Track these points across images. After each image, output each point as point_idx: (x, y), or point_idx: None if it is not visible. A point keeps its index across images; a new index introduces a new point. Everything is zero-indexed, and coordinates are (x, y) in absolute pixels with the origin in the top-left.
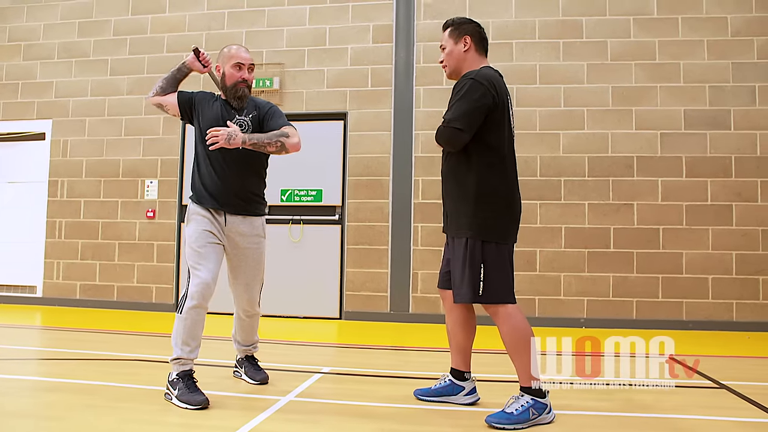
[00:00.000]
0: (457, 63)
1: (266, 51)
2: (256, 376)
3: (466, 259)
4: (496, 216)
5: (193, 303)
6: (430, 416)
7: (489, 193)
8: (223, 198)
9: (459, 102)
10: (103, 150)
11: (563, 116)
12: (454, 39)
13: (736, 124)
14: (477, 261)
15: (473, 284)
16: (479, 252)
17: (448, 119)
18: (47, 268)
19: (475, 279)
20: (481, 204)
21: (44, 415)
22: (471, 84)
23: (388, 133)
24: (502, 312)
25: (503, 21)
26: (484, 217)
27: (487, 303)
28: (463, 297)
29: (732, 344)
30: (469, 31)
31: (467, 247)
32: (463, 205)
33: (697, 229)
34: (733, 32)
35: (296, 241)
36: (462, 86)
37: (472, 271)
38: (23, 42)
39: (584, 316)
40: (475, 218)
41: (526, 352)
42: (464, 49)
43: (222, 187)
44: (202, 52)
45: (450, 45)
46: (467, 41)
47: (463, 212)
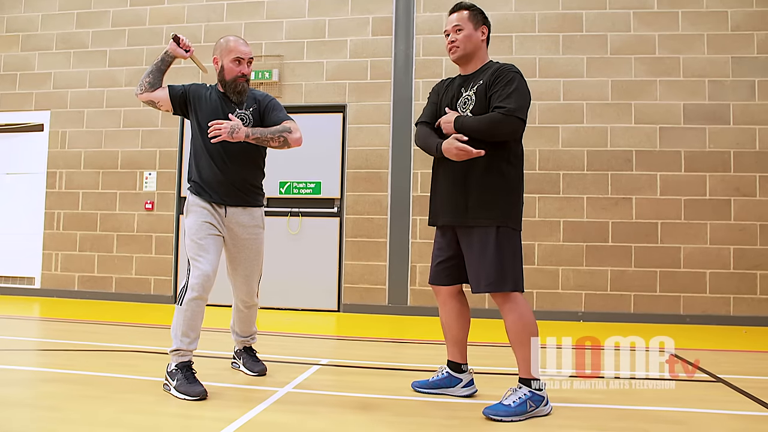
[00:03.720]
0: (473, 49)
1: (265, 43)
2: (254, 367)
3: (499, 247)
4: (515, 205)
5: (193, 294)
6: (428, 408)
7: (518, 183)
8: (224, 190)
9: (517, 93)
10: (102, 141)
11: (562, 110)
12: (473, 24)
13: (736, 119)
14: (511, 249)
15: (506, 272)
16: (512, 239)
17: (512, 109)
18: (45, 260)
19: (507, 266)
20: (514, 193)
21: (42, 405)
22: (520, 78)
23: (387, 126)
24: (514, 300)
25: (503, 14)
26: (514, 205)
27: (510, 291)
28: (504, 287)
29: (729, 338)
30: (486, 22)
31: (496, 235)
32: (496, 194)
33: (695, 224)
34: (733, 27)
35: (295, 234)
36: (510, 78)
37: (508, 259)
38: (21, 32)
39: (582, 309)
40: (509, 207)
41: (528, 343)
42: (482, 38)
43: (222, 179)
44: (181, 38)
45: (470, 29)
46: (485, 31)
47: (495, 201)
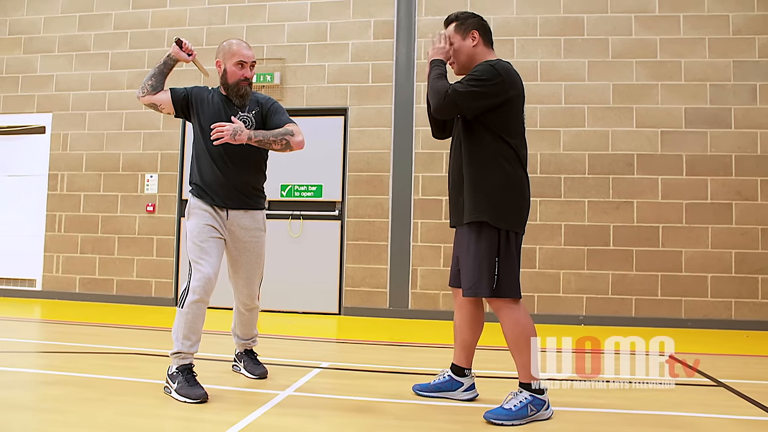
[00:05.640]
0: (467, 59)
1: (267, 46)
2: (255, 370)
3: (479, 249)
4: (510, 205)
5: (194, 297)
6: (429, 412)
7: (506, 183)
8: (225, 193)
9: (471, 79)
10: (103, 144)
11: (564, 113)
12: (461, 35)
13: (737, 123)
14: (492, 252)
15: (489, 277)
16: (495, 241)
17: (455, 89)
18: (47, 262)
19: (491, 271)
20: (498, 193)
21: (43, 407)
22: (487, 69)
23: (388, 129)
24: (508, 307)
25: (504, 17)
26: (499, 205)
27: (498, 297)
28: (481, 291)
29: (731, 343)
30: (475, 26)
31: (481, 234)
32: (480, 193)
33: (696, 228)
34: (735, 30)
35: (296, 237)
36: (475, 70)
37: (488, 264)
38: (24, 35)
39: (583, 313)
40: (491, 205)
41: (527, 349)
42: (473, 45)
43: (224, 182)
44: (184, 42)
45: (457, 41)
46: (475, 36)
47: (480, 199)
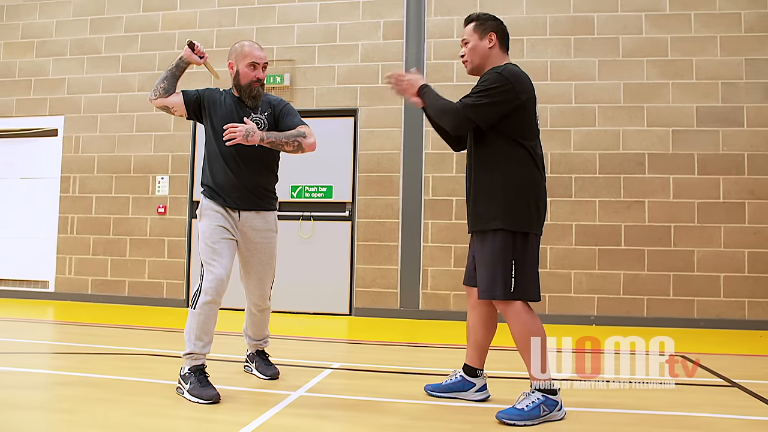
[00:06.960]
0: (481, 59)
1: (277, 47)
2: (267, 371)
3: (495, 252)
4: (524, 208)
5: (207, 298)
6: (441, 412)
7: (520, 186)
8: (237, 194)
9: (482, 91)
10: (115, 146)
11: (574, 113)
12: (479, 35)
13: (749, 121)
14: (508, 255)
15: (505, 280)
16: (510, 244)
17: (466, 104)
18: (59, 264)
19: (507, 274)
20: (511, 197)
21: (57, 408)
22: (495, 77)
23: (398, 130)
24: (513, 308)
25: (514, 17)
26: (513, 209)
27: (501, 299)
28: (497, 294)
29: (744, 343)
30: (494, 28)
31: (497, 238)
32: (493, 199)
33: (708, 227)
34: (747, 28)
35: (306, 238)
36: (485, 79)
37: (504, 267)
38: (36, 39)
39: (594, 313)
40: (505, 210)
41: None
42: (489, 46)
43: (236, 183)
44: (196, 45)
45: (474, 40)
46: (492, 38)
47: (493, 205)
